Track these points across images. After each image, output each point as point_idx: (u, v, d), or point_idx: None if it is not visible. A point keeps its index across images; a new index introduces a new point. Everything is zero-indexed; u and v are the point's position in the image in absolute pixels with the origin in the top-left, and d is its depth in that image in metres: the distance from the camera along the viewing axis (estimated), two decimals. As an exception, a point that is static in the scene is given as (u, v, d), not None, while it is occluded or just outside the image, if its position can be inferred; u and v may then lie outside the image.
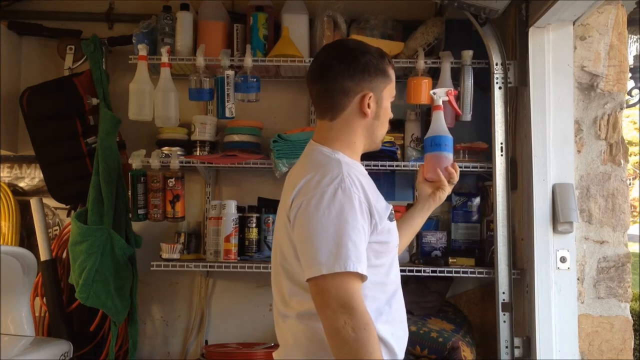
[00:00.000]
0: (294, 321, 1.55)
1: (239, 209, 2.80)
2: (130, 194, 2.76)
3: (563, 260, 2.40)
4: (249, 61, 2.65)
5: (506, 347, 2.44)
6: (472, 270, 2.61)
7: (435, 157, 1.88)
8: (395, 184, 3.02)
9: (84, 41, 2.87)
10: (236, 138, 2.84)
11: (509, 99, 2.56)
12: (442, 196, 1.87)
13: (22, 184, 3.12)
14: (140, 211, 2.74)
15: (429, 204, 1.87)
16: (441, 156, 1.87)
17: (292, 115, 3.01)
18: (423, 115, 2.88)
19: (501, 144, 2.54)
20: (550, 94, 2.44)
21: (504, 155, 2.54)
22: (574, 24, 2.45)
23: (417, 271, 2.64)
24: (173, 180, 2.75)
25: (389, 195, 2.98)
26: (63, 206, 3.02)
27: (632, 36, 3.22)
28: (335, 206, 1.46)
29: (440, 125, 1.93)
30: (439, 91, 1.98)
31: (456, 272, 2.62)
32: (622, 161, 2.47)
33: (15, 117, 3.00)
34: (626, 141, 2.67)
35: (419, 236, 2.83)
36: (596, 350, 2.41)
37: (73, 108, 2.82)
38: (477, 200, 2.86)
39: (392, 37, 2.83)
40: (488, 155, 2.66)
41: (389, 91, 1.67)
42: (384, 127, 1.69)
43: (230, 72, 2.64)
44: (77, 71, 2.93)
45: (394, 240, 1.63)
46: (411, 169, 2.73)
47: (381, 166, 2.69)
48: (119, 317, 2.69)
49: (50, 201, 2.99)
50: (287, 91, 3.02)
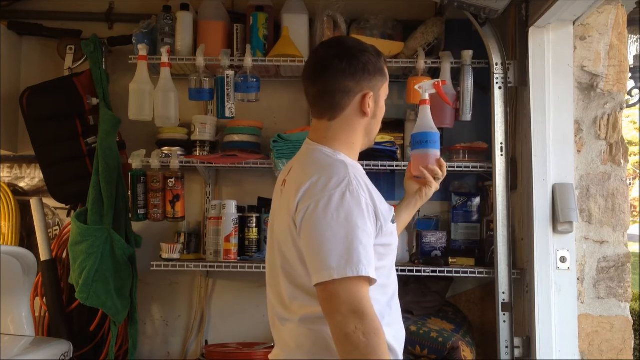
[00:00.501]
0: (296, 325, 1.53)
1: (239, 209, 2.80)
2: (130, 194, 2.76)
3: (563, 260, 2.40)
4: (249, 61, 2.65)
5: (506, 347, 2.44)
6: (472, 270, 2.61)
7: (421, 155, 1.83)
8: (395, 184, 3.02)
9: (84, 41, 2.87)
10: (236, 138, 2.84)
11: (509, 99, 2.56)
12: (429, 193, 1.83)
13: (22, 184, 3.12)
14: (140, 211, 2.74)
15: (416, 201, 1.85)
16: (427, 154, 1.82)
17: (292, 115, 3.01)
18: (423, 115, 2.88)
19: (501, 144, 2.54)
20: (550, 94, 2.44)
21: (504, 155, 2.54)
22: (574, 24, 2.45)
23: (417, 271, 2.64)
24: (173, 180, 2.75)
25: (389, 195, 2.97)
26: (63, 206, 3.02)
27: (632, 36, 3.22)
28: (344, 209, 1.44)
29: (426, 121, 1.86)
30: (425, 84, 1.89)
31: (456, 272, 2.62)
32: (622, 161, 2.47)
33: (15, 117, 3.00)
34: (626, 141, 2.67)
35: (419, 236, 2.83)
36: (596, 350, 2.41)
37: (73, 108, 2.82)
38: (477, 200, 2.86)
39: (392, 37, 2.83)
40: (488, 155, 2.65)
41: (385, 90, 1.67)
42: (379, 125, 1.69)
43: (230, 72, 2.64)
44: (77, 71, 2.93)
45: (395, 242, 1.62)
46: (411, 169, 2.73)
47: (381, 166, 2.69)
48: (119, 317, 2.69)
49: (50, 201, 2.99)
50: (287, 91, 3.02)
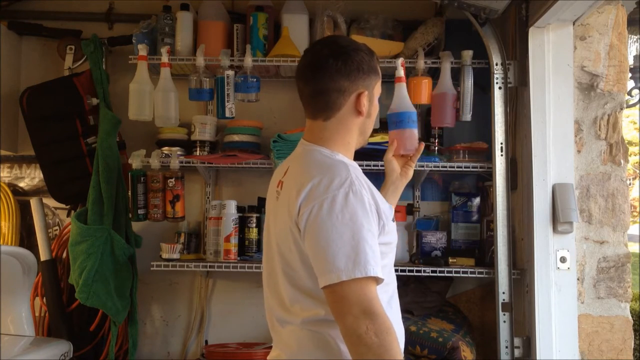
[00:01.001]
0: (297, 327, 1.52)
1: (239, 209, 2.80)
2: (130, 194, 2.75)
3: (563, 260, 2.40)
4: (249, 61, 2.65)
5: (506, 347, 2.44)
6: (472, 270, 2.61)
7: (409, 134, 1.89)
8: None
9: (84, 41, 2.87)
10: (236, 138, 2.84)
11: (509, 99, 2.56)
12: (410, 172, 1.88)
13: (22, 184, 3.12)
14: (140, 211, 2.74)
15: (401, 181, 1.87)
16: (413, 133, 1.90)
17: (292, 115, 3.00)
18: (423, 115, 2.88)
19: (501, 144, 2.54)
20: (550, 94, 2.44)
21: (504, 155, 2.54)
22: (574, 24, 2.45)
23: (417, 271, 2.64)
24: (173, 180, 2.75)
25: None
26: (63, 206, 3.02)
27: (632, 36, 3.22)
28: (348, 210, 1.43)
29: (405, 99, 1.97)
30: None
31: (456, 272, 2.62)
32: (622, 161, 2.47)
33: (15, 117, 3.00)
34: (626, 141, 2.67)
35: (419, 236, 2.83)
36: (596, 350, 2.40)
37: (73, 108, 2.82)
38: (477, 200, 2.86)
39: (392, 37, 2.83)
40: (488, 155, 2.65)
41: (378, 88, 1.67)
42: (373, 124, 1.69)
43: (230, 72, 2.64)
44: (77, 71, 2.93)
45: (395, 241, 1.62)
46: (411, 169, 2.72)
47: (381, 166, 2.67)
48: (119, 317, 2.69)
49: (50, 201, 2.98)
50: (287, 91, 3.01)
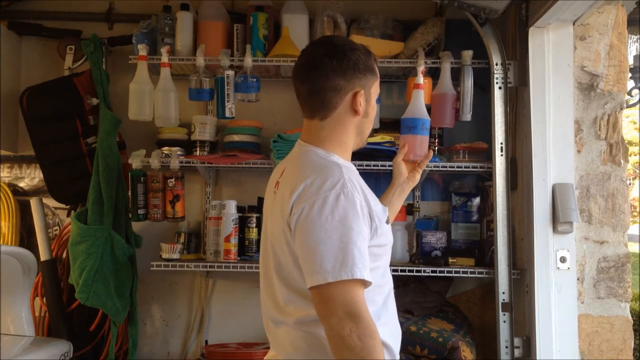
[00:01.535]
0: (291, 328, 1.52)
1: (239, 209, 2.80)
2: (130, 194, 2.75)
3: (563, 260, 2.40)
4: (249, 61, 2.65)
5: (506, 347, 2.44)
6: (472, 270, 2.61)
7: (420, 140, 1.97)
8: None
9: (84, 41, 2.87)
10: (236, 138, 2.84)
11: (509, 99, 2.56)
12: (417, 177, 1.92)
13: (22, 184, 3.12)
14: (140, 211, 2.74)
15: (407, 185, 1.91)
16: (424, 140, 1.98)
17: (292, 115, 3.00)
18: (423, 115, 2.89)
19: (501, 144, 2.54)
20: (550, 94, 2.44)
21: (504, 155, 2.54)
22: (574, 24, 2.45)
23: (417, 271, 2.64)
24: (173, 180, 2.75)
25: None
26: (63, 206, 3.02)
27: (632, 36, 3.22)
28: (338, 212, 1.43)
29: (421, 106, 2.08)
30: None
31: (456, 272, 2.62)
32: (622, 161, 2.47)
33: (15, 117, 3.00)
34: (626, 141, 2.67)
35: (419, 236, 2.83)
36: (596, 350, 2.40)
37: (73, 108, 2.82)
38: (477, 200, 2.86)
39: (392, 37, 2.83)
40: (488, 155, 2.65)
41: (376, 88, 1.67)
42: (371, 124, 1.69)
43: (230, 72, 2.64)
44: (77, 71, 2.93)
45: (389, 242, 1.62)
46: (411, 169, 2.72)
47: (381, 166, 2.69)
48: (119, 317, 2.69)
49: (50, 201, 2.98)
50: (287, 91, 2.99)
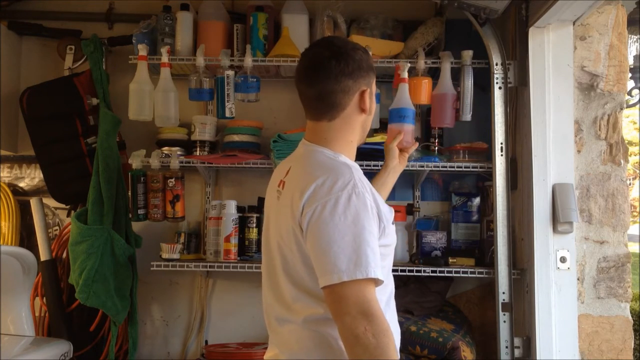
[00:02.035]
0: (299, 327, 1.53)
1: (239, 209, 2.80)
2: (130, 194, 2.75)
3: (563, 260, 2.40)
4: (249, 61, 2.65)
5: (506, 347, 2.44)
6: (472, 270, 2.61)
7: (409, 129, 2.21)
8: (395, 183, 3.01)
9: (84, 41, 2.87)
10: (236, 138, 2.84)
11: (509, 99, 2.56)
12: (405, 162, 2.16)
13: (22, 184, 3.12)
14: (140, 211, 2.74)
15: (399, 167, 2.13)
16: (411, 128, 2.23)
17: (292, 115, 3.00)
18: (423, 115, 2.89)
19: (501, 144, 2.54)
20: (550, 94, 2.44)
21: (504, 155, 2.54)
22: (574, 24, 2.45)
23: (417, 271, 2.64)
24: (173, 180, 2.75)
25: (390, 194, 2.96)
26: (63, 206, 3.02)
27: (632, 36, 3.22)
28: (351, 211, 1.44)
29: (407, 98, 2.36)
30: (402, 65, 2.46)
31: (456, 272, 2.62)
32: (622, 161, 2.47)
33: (15, 117, 3.00)
34: (626, 141, 2.67)
35: (419, 236, 2.83)
36: (596, 350, 2.40)
37: (73, 108, 2.82)
38: (477, 200, 2.86)
39: (392, 37, 2.83)
40: (488, 155, 2.65)
41: (374, 85, 1.71)
42: (371, 120, 1.74)
43: (230, 72, 2.63)
44: (77, 71, 2.93)
45: (394, 243, 1.64)
46: (411, 169, 2.72)
47: (381, 166, 2.68)
48: (119, 317, 2.69)
49: (50, 201, 2.98)
50: (287, 91, 3.01)
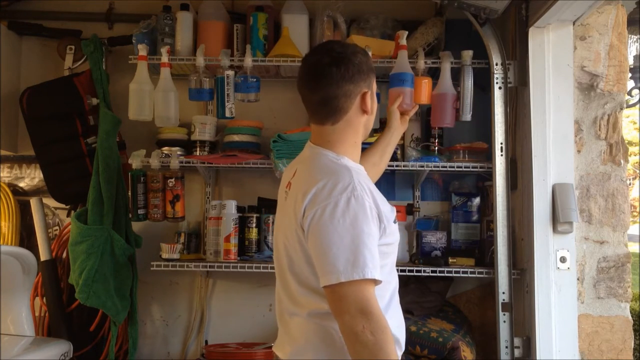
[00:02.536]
0: (304, 320, 1.59)
1: (239, 209, 2.80)
2: (130, 194, 2.76)
3: (563, 260, 2.40)
4: (248, 61, 2.64)
5: (506, 347, 2.44)
6: (472, 270, 2.61)
7: (409, 92, 2.39)
8: (395, 183, 3.03)
9: (84, 41, 2.87)
10: (236, 138, 2.84)
11: (509, 99, 2.56)
12: (406, 123, 2.26)
13: (22, 184, 3.12)
14: (140, 211, 2.74)
15: (401, 127, 2.21)
16: (412, 91, 2.41)
17: (292, 115, 3.00)
18: (423, 115, 2.88)
19: (501, 144, 2.54)
20: (550, 94, 2.44)
21: (504, 155, 2.54)
22: (574, 24, 2.45)
23: (417, 271, 2.64)
24: (173, 180, 2.75)
25: (389, 194, 2.98)
26: (63, 206, 3.02)
27: (632, 36, 3.22)
28: (349, 214, 1.50)
29: (406, 63, 2.51)
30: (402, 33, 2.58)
31: (456, 272, 2.62)
32: (622, 161, 2.47)
33: (15, 117, 3.00)
34: (626, 141, 2.67)
35: (419, 236, 2.83)
36: (596, 350, 2.40)
37: (73, 108, 2.82)
38: (477, 200, 2.86)
39: (392, 37, 2.83)
40: (488, 155, 2.65)
41: (374, 85, 1.74)
42: (373, 119, 1.77)
43: (230, 72, 2.63)
44: (77, 71, 2.93)
45: (396, 241, 1.68)
46: (411, 168, 2.73)
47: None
48: (119, 317, 2.69)
49: (50, 201, 2.98)
50: (287, 91, 3.01)
